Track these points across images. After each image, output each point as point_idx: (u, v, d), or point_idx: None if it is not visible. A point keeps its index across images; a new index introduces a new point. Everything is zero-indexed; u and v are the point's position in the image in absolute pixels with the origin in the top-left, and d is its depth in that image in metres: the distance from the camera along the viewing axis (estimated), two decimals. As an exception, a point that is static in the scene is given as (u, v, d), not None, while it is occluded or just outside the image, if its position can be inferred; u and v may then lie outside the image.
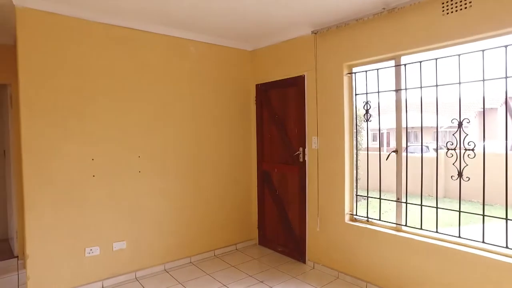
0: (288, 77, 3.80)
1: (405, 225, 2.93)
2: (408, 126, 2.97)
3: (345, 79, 3.29)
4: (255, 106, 4.27)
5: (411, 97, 2.93)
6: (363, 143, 7.80)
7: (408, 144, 3.13)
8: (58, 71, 2.93)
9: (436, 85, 2.69)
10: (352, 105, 3.33)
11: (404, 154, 3.03)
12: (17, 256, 3.89)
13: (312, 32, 3.47)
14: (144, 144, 3.41)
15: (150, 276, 3.39)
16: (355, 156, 3.34)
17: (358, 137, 3.42)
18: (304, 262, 3.68)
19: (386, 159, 3.10)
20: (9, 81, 3.79)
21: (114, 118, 3.23)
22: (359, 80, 3.26)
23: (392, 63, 2.98)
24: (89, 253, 3.10)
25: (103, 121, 3.16)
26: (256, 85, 4.22)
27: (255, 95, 4.26)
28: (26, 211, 2.81)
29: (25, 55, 2.78)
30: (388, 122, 3.07)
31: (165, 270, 3.53)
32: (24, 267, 3.39)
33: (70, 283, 3.00)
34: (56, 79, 2.91)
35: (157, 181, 3.50)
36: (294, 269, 3.55)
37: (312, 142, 3.58)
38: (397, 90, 2.95)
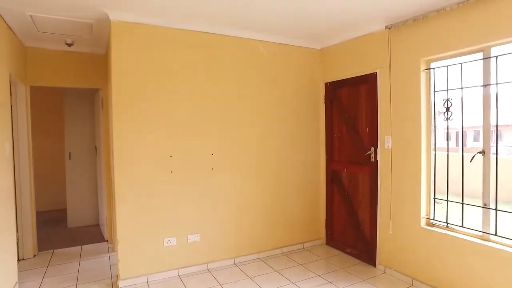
0: (359, 74, 3.69)
1: (495, 234, 2.66)
2: (492, 124, 2.68)
3: (422, 75, 3.09)
4: (324, 104, 4.23)
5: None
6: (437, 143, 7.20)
7: (494, 145, 2.81)
8: (143, 76, 3.23)
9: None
10: (430, 102, 3.11)
11: (493, 155, 2.74)
12: (107, 240, 4.40)
13: (386, 27, 3.31)
14: (217, 142, 3.60)
15: (221, 268, 3.57)
16: (432, 156, 3.12)
17: (435, 136, 3.19)
18: (374, 265, 3.55)
19: (471, 161, 2.85)
20: (100, 86, 4.28)
21: (190, 117, 3.46)
22: (438, 76, 3.03)
23: (479, 55, 2.72)
24: (167, 243, 3.37)
25: (181, 120, 3.41)
26: (326, 83, 4.17)
27: (324, 94, 4.21)
28: (116, 202, 3.16)
29: (117, 62, 3.12)
30: (467, 120, 2.82)
31: (234, 264, 3.69)
32: (114, 250, 3.83)
33: (151, 269, 3.30)
34: (141, 83, 3.22)
35: (228, 178, 3.66)
36: (364, 271, 3.45)
37: (385, 142, 3.43)
38: (486, 85, 2.69)
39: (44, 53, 3.98)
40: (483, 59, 2.68)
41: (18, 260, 3.65)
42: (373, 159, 3.55)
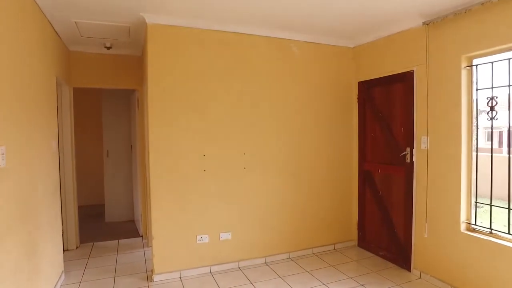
0: (394, 73, 3.58)
1: (544, 242, 2.49)
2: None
3: (463, 72, 2.95)
4: (357, 104, 4.14)
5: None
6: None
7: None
8: (178, 77, 3.32)
9: None
10: (471, 101, 2.96)
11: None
12: (142, 236, 4.57)
13: (424, 23, 3.19)
14: (249, 142, 3.63)
15: (251, 267, 3.61)
16: (474, 158, 2.97)
17: (477, 137, 3.03)
18: (409, 270, 3.44)
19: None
20: (136, 87, 4.46)
21: (223, 117, 3.51)
22: (481, 73, 2.88)
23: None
24: (200, 240, 3.45)
25: (213, 119, 3.48)
26: (359, 82, 4.08)
27: (357, 93, 4.13)
28: (151, 199, 3.28)
29: (153, 63, 3.24)
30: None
31: (265, 263, 3.71)
32: (149, 245, 3.97)
33: (184, 265, 3.39)
34: (176, 84, 3.31)
35: (260, 177, 3.69)
36: (398, 276, 3.35)
37: (421, 142, 3.30)
38: (535, 83, 2.52)
39: (86, 56, 4.21)
40: (532, 55, 2.52)
41: (63, 250, 3.89)
42: (408, 160, 3.44)
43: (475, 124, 2.97)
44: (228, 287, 3.14)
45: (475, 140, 2.98)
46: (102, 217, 5.51)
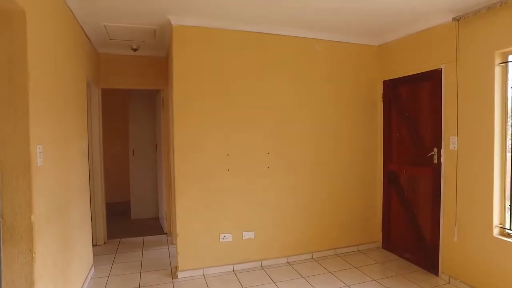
0: (421, 71, 3.48)
1: None
2: None
3: (497, 69, 2.82)
4: (382, 103, 4.06)
5: None
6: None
7: None
8: (202, 77, 3.37)
9: None
10: (506, 99, 2.83)
11: None
12: (166, 233, 4.67)
13: (454, 18, 3.08)
14: (272, 142, 3.63)
15: (274, 266, 3.61)
16: (509, 159, 2.84)
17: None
18: (437, 274, 3.33)
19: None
20: (161, 87, 4.56)
21: (246, 116, 3.53)
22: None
23: None
24: (223, 238, 3.49)
25: (237, 119, 3.50)
26: (384, 81, 4.00)
27: (382, 92, 4.04)
28: (176, 197, 3.34)
29: (178, 64, 3.30)
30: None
31: (288, 262, 3.71)
32: (173, 242, 4.06)
33: (207, 262, 3.44)
34: (201, 84, 3.36)
35: (283, 177, 3.68)
36: (425, 280, 3.26)
37: (450, 143, 3.19)
38: None
39: (113, 58, 4.34)
40: None
41: (92, 245, 4.04)
42: (435, 161, 3.33)
43: (510, 124, 2.84)
44: (250, 286, 3.16)
45: (510, 141, 2.85)
46: (128, 214, 5.67)
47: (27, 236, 1.79)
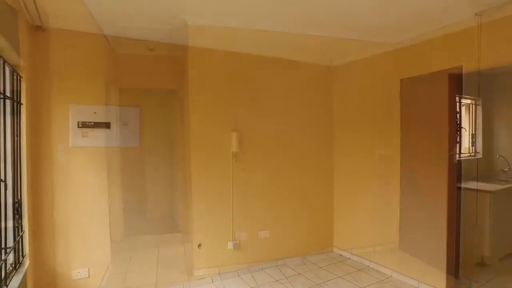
0: (440, 69, 3.39)
1: None
2: None
3: (521, 66, 2.73)
4: (399, 102, 3.98)
5: None
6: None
7: None
8: (217, 76, 3.38)
9: None
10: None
11: None
12: (181, 231, 4.72)
13: (476, 14, 2.99)
14: (287, 142, 3.63)
15: (289, 265, 3.60)
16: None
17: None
18: (457, 277, 3.25)
19: None
20: (176, 87, 4.59)
21: (261, 115, 3.54)
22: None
23: None
24: (239, 236, 3.50)
25: (252, 118, 3.51)
26: (401, 80, 3.91)
27: (399, 90, 3.96)
28: (192, 196, 3.37)
29: (194, 64, 3.33)
30: None
31: (302, 262, 3.69)
32: (188, 241, 4.08)
33: (225, 260, 3.46)
34: (216, 83, 3.38)
35: (297, 177, 3.67)
36: (444, 284, 3.18)
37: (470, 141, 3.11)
38: None
39: (130, 58, 4.41)
40: None
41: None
42: (455, 160, 3.25)
43: None
44: (265, 283, 3.16)
45: None
46: (144, 212, 5.75)
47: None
